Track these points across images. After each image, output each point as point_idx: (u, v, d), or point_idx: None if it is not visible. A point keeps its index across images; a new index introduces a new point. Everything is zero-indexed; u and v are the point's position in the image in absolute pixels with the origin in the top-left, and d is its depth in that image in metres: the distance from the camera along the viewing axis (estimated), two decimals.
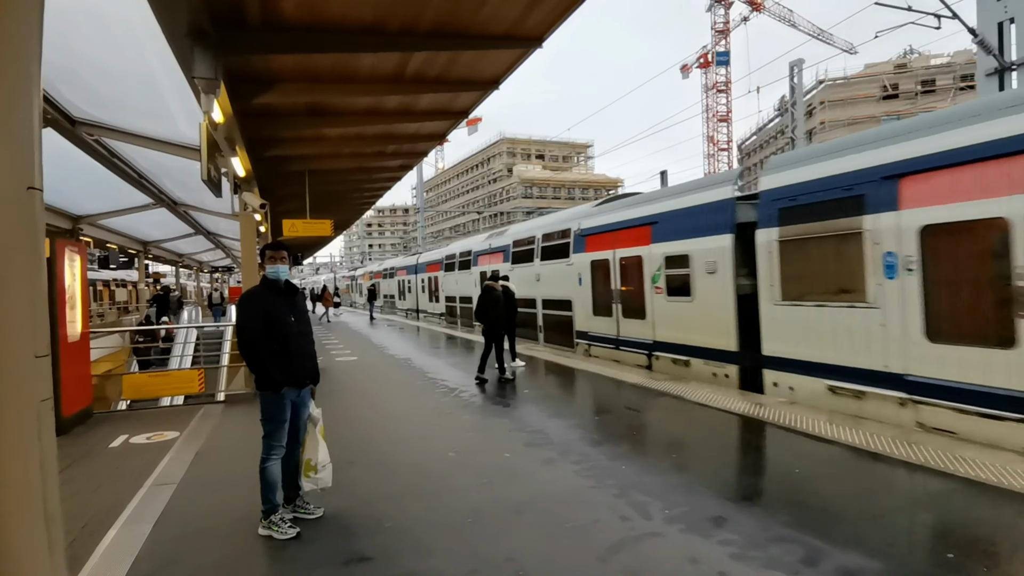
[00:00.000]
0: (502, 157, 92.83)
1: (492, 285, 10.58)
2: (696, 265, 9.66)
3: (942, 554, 3.62)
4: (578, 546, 3.85)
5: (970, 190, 5.84)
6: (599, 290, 12.43)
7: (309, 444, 4.53)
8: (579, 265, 12.95)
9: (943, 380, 6.16)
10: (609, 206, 12.64)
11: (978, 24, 11.53)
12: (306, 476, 4.49)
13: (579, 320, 13.14)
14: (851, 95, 59.70)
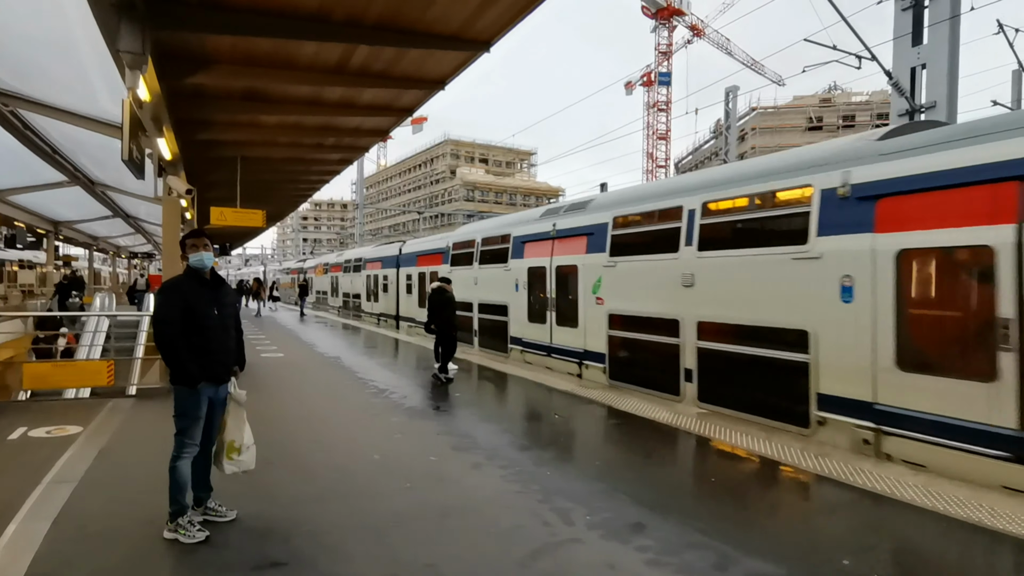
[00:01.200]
0: (446, 158, 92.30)
1: (444, 286, 10.50)
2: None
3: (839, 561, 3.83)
4: (500, 552, 3.85)
5: None
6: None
7: (233, 425, 4.32)
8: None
9: None
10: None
11: (894, 67, 12.40)
12: (228, 459, 4.28)
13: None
14: (780, 124, 62.97)
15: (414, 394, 9.10)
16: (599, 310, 10.23)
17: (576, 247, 10.93)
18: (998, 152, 5.34)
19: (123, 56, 5.53)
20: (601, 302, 10.23)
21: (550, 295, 11.81)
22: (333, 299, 33.51)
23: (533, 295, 12.49)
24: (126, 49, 5.42)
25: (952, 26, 11.40)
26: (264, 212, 15.13)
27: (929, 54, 11.71)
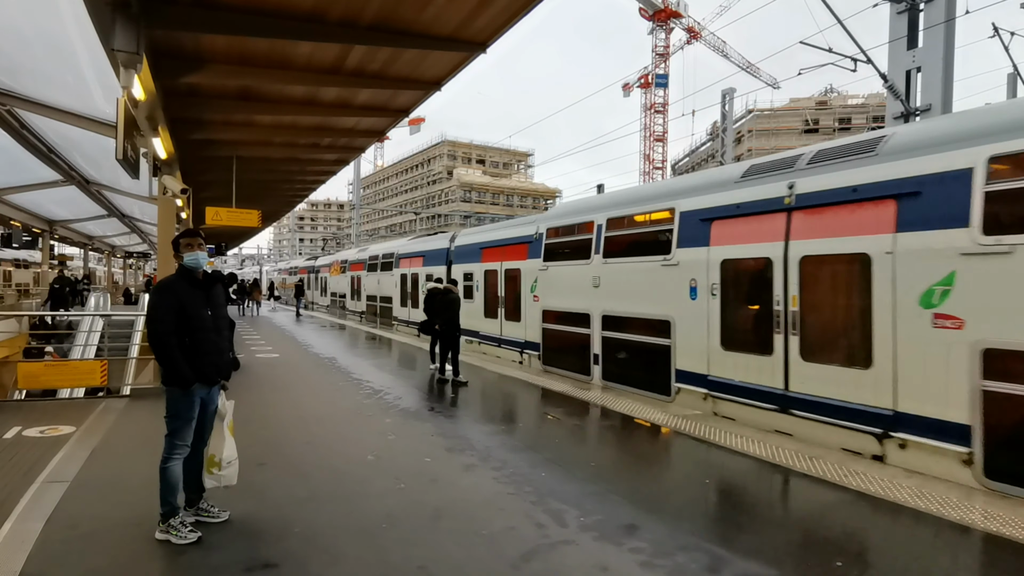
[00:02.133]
0: (443, 159, 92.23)
1: (451, 288, 10.85)
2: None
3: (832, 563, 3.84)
4: (492, 554, 3.84)
5: None
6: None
7: (214, 439, 4.31)
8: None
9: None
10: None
11: (889, 71, 12.44)
12: (208, 472, 4.26)
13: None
14: (776, 126, 63.11)
15: (415, 392, 9.09)
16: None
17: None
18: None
19: (118, 55, 5.52)
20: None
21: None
22: (354, 303, 27.89)
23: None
24: (121, 48, 5.40)
25: (947, 29, 11.44)
26: (259, 212, 15.10)
27: (924, 57, 11.75)
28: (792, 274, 6.87)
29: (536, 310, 12.17)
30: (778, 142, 60.33)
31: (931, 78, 11.66)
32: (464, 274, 15.73)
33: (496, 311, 14.12)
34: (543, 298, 11.95)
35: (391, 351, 14.85)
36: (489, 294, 14.58)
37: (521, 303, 12.87)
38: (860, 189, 6.27)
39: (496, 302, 14.12)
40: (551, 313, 11.74)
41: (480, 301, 14.93)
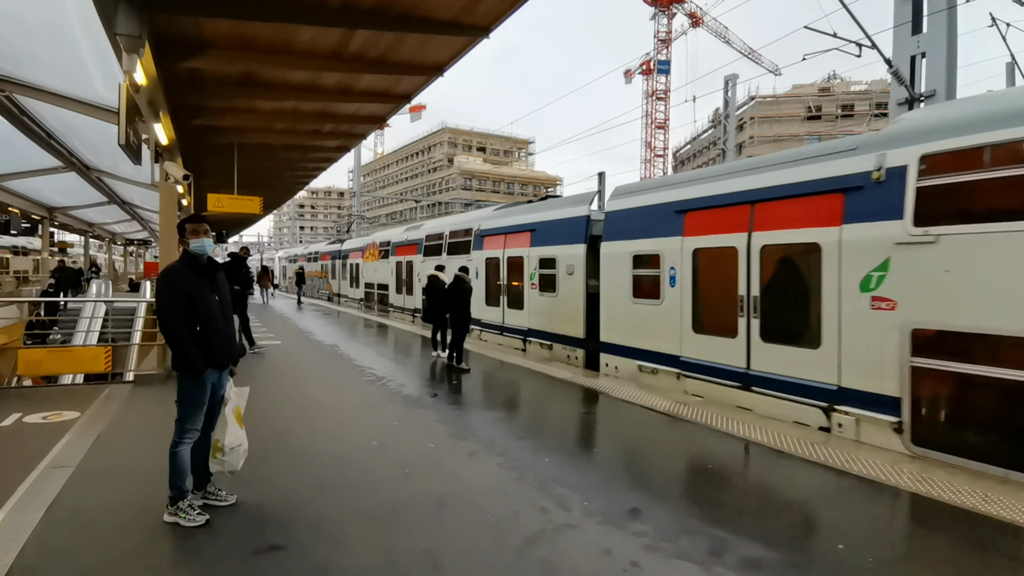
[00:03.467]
0: (443, 147, 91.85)
1: (463, 276, 10.76)
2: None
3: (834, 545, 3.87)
4: (497, 538, 3.87)
5: None
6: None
7: (218, 424, 4.34)
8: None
9: None
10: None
11: (893, 56, 12.35)
12: (213, 457, 4.30)
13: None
14: (779, 113, 62.70)
15: (418, 378, 9.12)
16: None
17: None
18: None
19: (120, 40, 5.47)
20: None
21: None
22: (399, 297, 20.98)
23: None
24: (123, 32, 5.36)
25: (950, 16, 11.34)
26: (261, 199, 15.04)
27: (928, 43, 11.66)
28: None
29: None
30: (780, 129, 60.06)
31: (935, 64, 11.58)
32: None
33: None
34: None
35: (391, 337, 14.87)
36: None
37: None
38: None
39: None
40: None
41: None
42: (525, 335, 13.06)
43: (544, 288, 12.30)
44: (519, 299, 13.24)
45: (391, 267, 22.22)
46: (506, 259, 13.82)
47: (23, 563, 3.47)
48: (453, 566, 3.50)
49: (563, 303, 11.75)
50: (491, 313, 14.51)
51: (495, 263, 14.24)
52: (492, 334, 14.40)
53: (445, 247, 16.98)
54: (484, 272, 14.65)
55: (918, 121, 6.19)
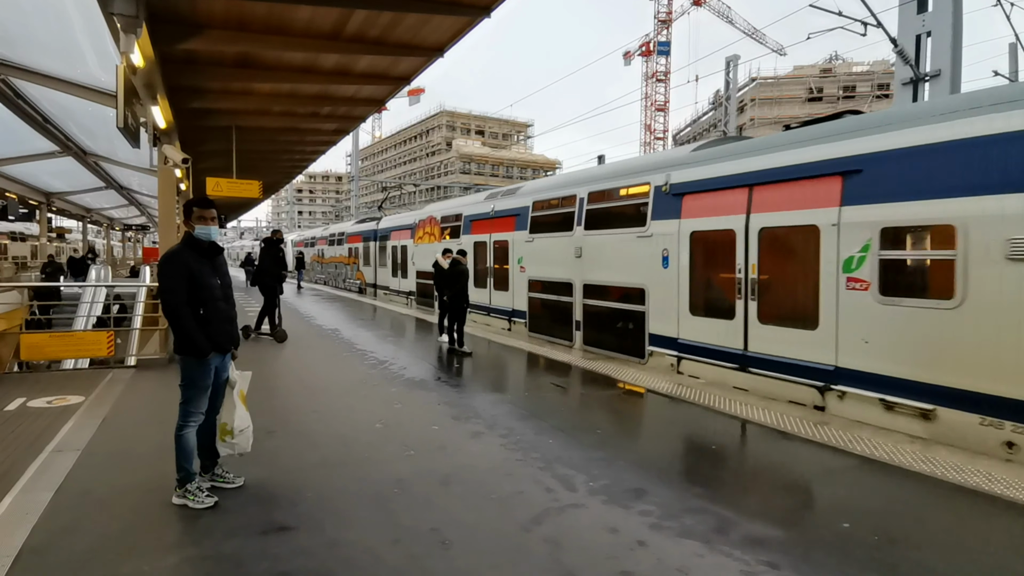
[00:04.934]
0: (441, 130, 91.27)
1: (459, 259, 10.82)
2: None
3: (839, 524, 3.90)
4: (503, 517, 3.90)
5: None
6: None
7: (226, 407, 4.35)
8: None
9: None
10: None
11: (899, 35, 12.22)
12: (221, 440, 4.32)
13: None
14: (779, 94, 62.27)
15: (424, 361, 9.14)
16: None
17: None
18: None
19: (117, 19, 5.40)
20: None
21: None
22: (481, 293, 14.70)
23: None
24: (120, 12, 5.28)
25: None
26: (260, 183, 14.94)
27: (934, 22, 11.53)
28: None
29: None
30: (781, 111, 59.62)
31: (941, 43, 11.45)
32: None
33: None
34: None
35: (393, 322, 14.88)
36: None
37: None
38: None
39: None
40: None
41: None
42: None
43: None
44: None
45: (465, 250, 16.42)
46: None
47: (34, 542, 3.49)
48: (461, 544, 3.52)
49: None
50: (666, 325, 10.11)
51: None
52: None
53: (581, 217, 10.93)
54: None
55: None
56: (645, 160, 10.52)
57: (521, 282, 12.70)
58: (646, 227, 9.22)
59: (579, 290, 10.79)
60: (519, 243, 12.77)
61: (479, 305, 14.33)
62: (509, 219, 13.23)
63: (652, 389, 7.54)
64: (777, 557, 3.38)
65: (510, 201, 13.54)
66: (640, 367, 9.11)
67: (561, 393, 7.74)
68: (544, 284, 12.05)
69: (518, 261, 12.82)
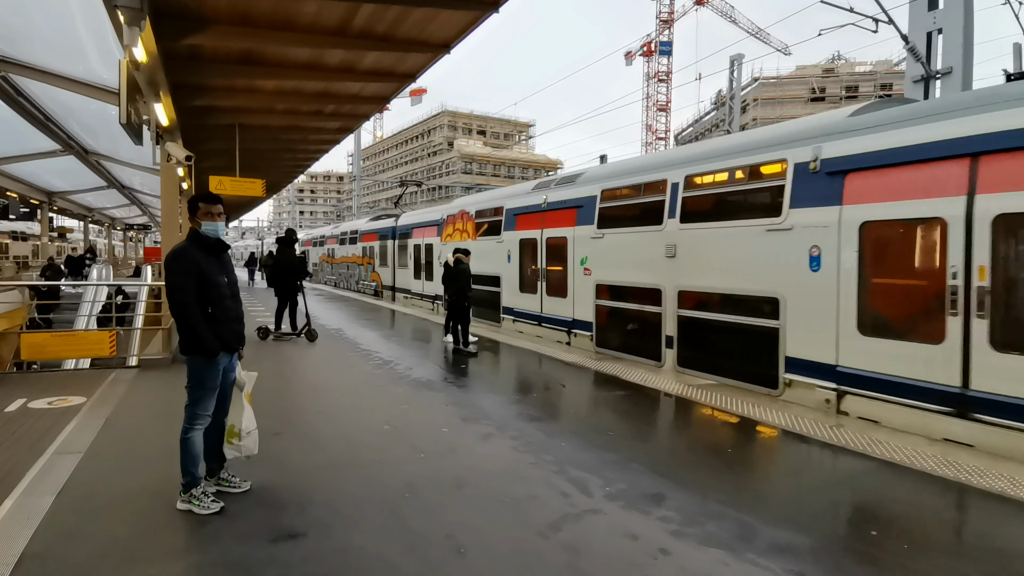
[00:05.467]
0: (443, 130, 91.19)
1: (461, 258, 10.66)
2: None
3: (866, 531, 3.78)
4: (518, 522, 3.78)
5: None
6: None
7: (234, 409, 4.23)
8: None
9: None
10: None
11: (909, 31, 12.09)
12: (228, 443, 4.20)
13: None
14: (782, 94, 62.12)
15: (426, 363, 9.02)
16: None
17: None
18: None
19: (121, 12, 5.28)
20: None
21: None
22: (530, 299, 12.79)
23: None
24: (124, 4, 5.17)
25: None
26: (264, 181, 14.84)
27: (945, 19, 11.40)
28: None
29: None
30: (784, 111, 59.48)
31: (952, 40, 11.32)
32: None
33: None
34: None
35: (396, 321, 14.77)
36: None
37: None
38: None
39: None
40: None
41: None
42: None
43: None
44: None
45: (507, 250, 13.44)
46: None
47: (35, 548, 3.38)
48: (477, 550, 3.40)
49: None
50: None
51: None
52: None
53: (674, 207, 8.82)
54: None
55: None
56: (763, 135, 8.02)
57: (585, 287, 10.63)
58: (781, 217, 7.03)
59: (671, 298, 8.68)
60: (582, 240, 10.67)
61: (527, 313, 12.57)
62: (568, 212, 11.12)
63: (797, 433, 5.68)
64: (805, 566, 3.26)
65: (569, 191, 11.30)
66: (770, 399, 7.11)
67: (574, 396, 7.62)
68: (619, 290, 10.00)
69: (581, 262, 10.74)
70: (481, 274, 13.54)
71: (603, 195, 10.31)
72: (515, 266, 13.04)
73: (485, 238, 14.28)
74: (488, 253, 13.93)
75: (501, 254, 13.51)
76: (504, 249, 13.42)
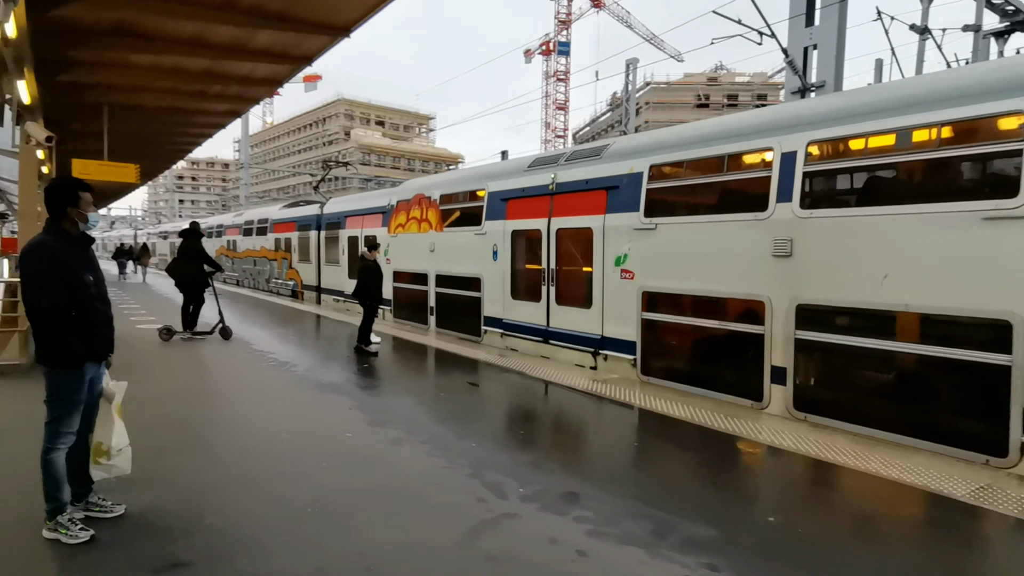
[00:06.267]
0: (339, 119, 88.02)
1: (366, 254, 10.09)
2: None
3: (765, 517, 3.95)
4: (436, 533, 3.61)
5: None
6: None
7: (100, 424, 3.70)
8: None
9: None
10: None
11: (789, 46, 13.02)
12: (96, 463, 3.66)
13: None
14: (672, 99, 65.53)
15: (319, 367, 8.56)
16: None
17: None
18: None
19: None
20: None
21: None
22: (536, 308, 9.78)
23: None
24: None
25: (840, 10, 12.08)
26: (138, 167, 13.50)
27: (820, 35, 12.38)
28: None
29: None
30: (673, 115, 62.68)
31: (826, 56, 12.32)
32: None
33: None
34: None
35: (292, 316, 13.99)
36: None
37: None
38: None
39: None
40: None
41: None
42: None
43: None
44: None
45: (491, 244, 10.60)
46: None
47: None
48: (393, 569, 3.19)
49: None
50: None
51: None
52: None
53: (789, 186, 6.43)
54: None
55: None
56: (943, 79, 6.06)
57: (622, 294, 8.07)
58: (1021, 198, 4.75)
59: (786, 316, 6.25)
60: (619, 232, 8.11)
61: (524, 327, 9.82)
62: (592, 195, 8.57)
63: None
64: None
65: (593, 167, 8.68)
66: None
67: (481, 394, 7.50)
68: (681, 300, 7.56)
69: (617, 261, 8.17)
70: (451, 275, 11.49)
71: (654, 173, 7.84)
72: (504, 265, 10.20)
73: (456, 229, 11.44)
74: (461, 249, 11.19)
75: (482, 250, 10.58)
76: (487, 243, 10.49)
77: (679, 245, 7.42)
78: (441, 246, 11.23)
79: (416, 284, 12.65)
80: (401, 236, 13.26)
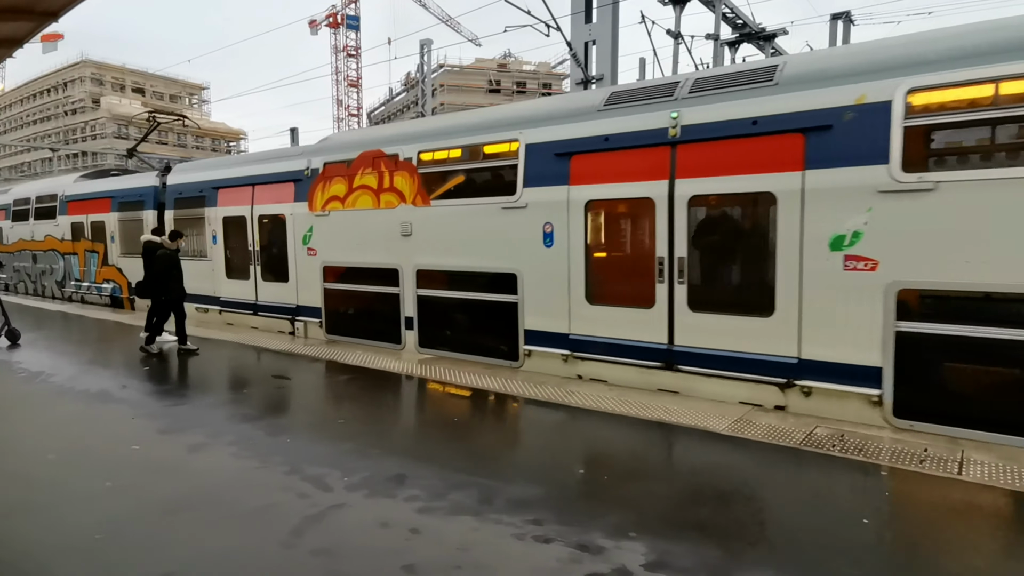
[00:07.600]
0: (84, 83, 74.79)
1: (153, 239, 9.30)
2: None
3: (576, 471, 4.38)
4: (256, 538, 3.38)
5: None
6: None
7: None
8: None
9: None
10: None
11: (572, 40, 14.08)
12: None
13: None
14: (465, 83, 66.85)
15: (88, 374, 7.38)
16: None
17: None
18: None
19: None
20: None
21: None
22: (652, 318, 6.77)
23: None
24: None
25: (614, 10, 13.36)
26: None
27: (598, 32, 13.57)
28: None
29: None
30: (467, 99, 64.12)
31: (603, 51, 13.56)
32: None
33: None
34: None
35: (42, 317, 11.78)
36: None
37: None
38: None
39: None
40: None
41: None
42: None
43: None
44: None
45: (543, 221, 7.32)
46: None
47: None
48: None
49: None
50: None
51: None
52: None
53: None
54: None
55: None
56: None
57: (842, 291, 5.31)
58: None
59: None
60: None
61: (615, 344, 6.72)
62: (763, 141, 5.65)
63: None
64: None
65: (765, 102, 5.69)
66: None
67: (292, 388, 7.08)
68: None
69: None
70: (451, 270, 8.18)
71: None
72: (566, 254, 7.04)
73: (459, 202, 8.11)
74: (472, 231, 7.89)
75: (519, 232, 7.41)
76: (529, 222, 7.31)
77: None
78: (427, 227, 8.26)
79: (372, 285, 9.06)
80: (337, 215, 9.33)
